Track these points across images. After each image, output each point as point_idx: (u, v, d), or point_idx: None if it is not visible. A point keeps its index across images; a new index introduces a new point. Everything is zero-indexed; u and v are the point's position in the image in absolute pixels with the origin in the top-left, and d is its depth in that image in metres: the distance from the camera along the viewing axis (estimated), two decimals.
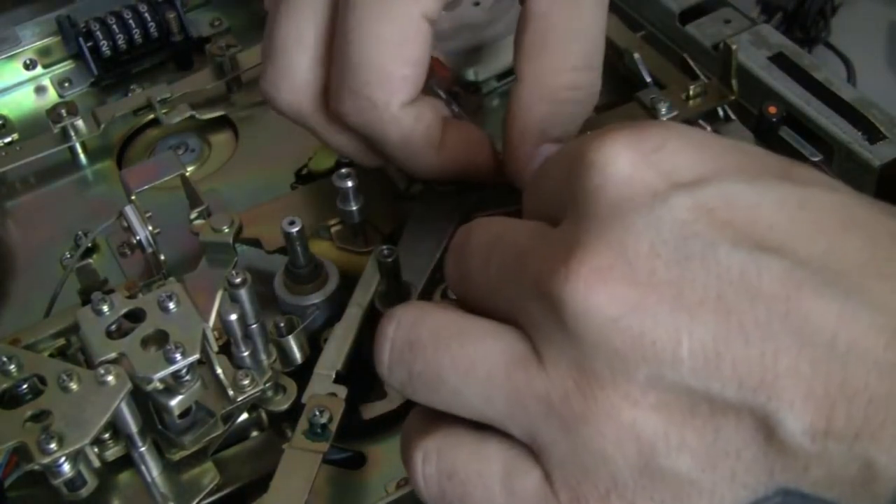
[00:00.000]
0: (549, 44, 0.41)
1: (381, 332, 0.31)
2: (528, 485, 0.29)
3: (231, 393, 0.42)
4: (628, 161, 0.28)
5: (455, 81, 0.49)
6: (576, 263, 0.27)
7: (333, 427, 0.41)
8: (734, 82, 0.54)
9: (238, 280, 0.42)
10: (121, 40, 0.64)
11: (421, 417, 0.32)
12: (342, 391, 0.42)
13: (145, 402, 0.41)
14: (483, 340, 0.29)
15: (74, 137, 0.60)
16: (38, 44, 0.66)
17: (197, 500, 0.42)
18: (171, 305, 0.41)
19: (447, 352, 0.29)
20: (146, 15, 0.64)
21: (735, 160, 0.29)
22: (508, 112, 0.43)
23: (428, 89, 0.47)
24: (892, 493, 0.26)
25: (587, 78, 0.42)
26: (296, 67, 0.43)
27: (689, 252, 0.27)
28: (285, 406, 0.44)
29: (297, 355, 0.45)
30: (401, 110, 0.42)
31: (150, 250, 0.47)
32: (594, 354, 0.27)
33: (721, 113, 0.55)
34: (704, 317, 0.26)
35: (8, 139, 0.61)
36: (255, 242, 0.49)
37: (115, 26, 0.64)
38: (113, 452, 0.42)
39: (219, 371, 0.42)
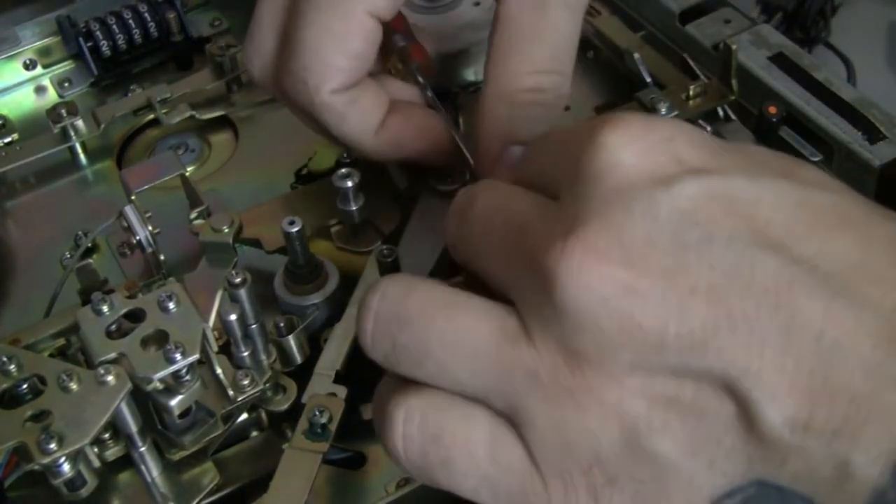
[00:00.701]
0: (514, 46, 0.42)
1: (366, 303, 0.31)
2: (514, 455, 0.29)
3: (231, 393, 0.42)
4: (637, 148, 0.29)
5: (435, 68, 0.50)
6: (572, 241, 0.27)
7: (333, 427, 0.41)
8: (734, 82, 0.54)
9: (238, 280, 0.42)
10: (121, 40, 0.64)
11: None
12: (342, 391, 0.42)
13: (145, 402, 0.41)
14: (472, 314, 0.29)
15: (74, 137, 0.60)
16: (38, 44, 0.66)
17: (197, 500, 0.42)
18: (171, 305, 0.41)
19: (434, 325, 0.30)
20: (146, 15, 0.64)
21: (738, 157, 0.29)
22: (477, 114, 0.44)
23: (406, 74, 0.48)
24: (868, 493, 0.26)
25: (551, 81, 0.43)
26: (264, 44, 0.46)
27: (686, 241, 0.27)
28: (285, 406, 0.44)
29: (297, 355, 0.45)
30: (331, 96, 0.44)
31: (150, 250, 0.47)
32: (582, 333, 0.27)
33: (721, 113, 0.55)
34: (694, 304, 0.27)
35: (8, 139, 0.61)
36: (255, 242, 0.49)
37: (115, 26, 0.64)
38: (113, 452, 0.42)
39: (219, 371, 0.42)
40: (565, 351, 0.28)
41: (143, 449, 0.42)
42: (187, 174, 0.49)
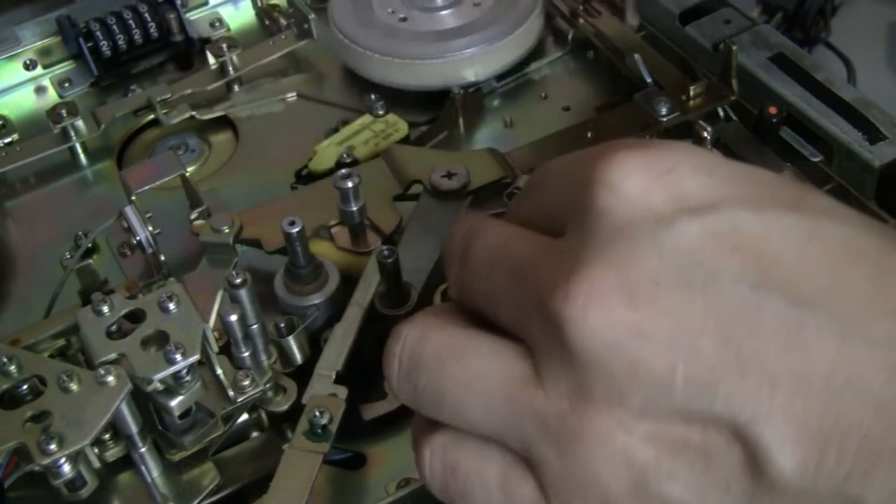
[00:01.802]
0: None
1: (389, 350, 0.31)
2: (525, 492, 0.29)
3: (231, 393, 0.42)
4: (638, 183, 0.28)
5: None
6: (575, 283, 0.27)
7: (334, 427, 0.41)
8: (734, 82, 0.54)
9: (238, 280, 0.42)
10: (121, 40, 0.64)
11: None
12: (342, 392, 0.42)
13: (145, 403, 0.41)
14: (482, 358, 0.30)
15: (74, 138, 0.60)
16: (38, 44, 0.66)
17: (197, 500, 0.42)
18: (171, 306, 0.41)
19: (447, 371, 0.30)
20: (146, 15, 0.64)
21: (745, 187, 0.29)
22: None
23: None
24: None
25: None
26: None
27: (691, 280, 0.27)
28: (285, 406, 0.44)
29: (297, 356, 0.45)
30: None
31: (150, 250, 0.47)
32: (591, 376, 0.27)
33: (721, 113, 0.55)
34: (702, 347, 0.26)
35: (8, 139, 0.61)
36: (255, 242, 0.49)
37: (115, 26, 0.64)
38: (113, 453, 0.42)
39: (219, 372, 0.42)
40: (574, 394, 0.27)
41: (143, 449, 0.42)
42: (187, 174, 0.49)
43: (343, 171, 0.48)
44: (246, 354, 0.43)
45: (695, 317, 0.26)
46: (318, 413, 0.41)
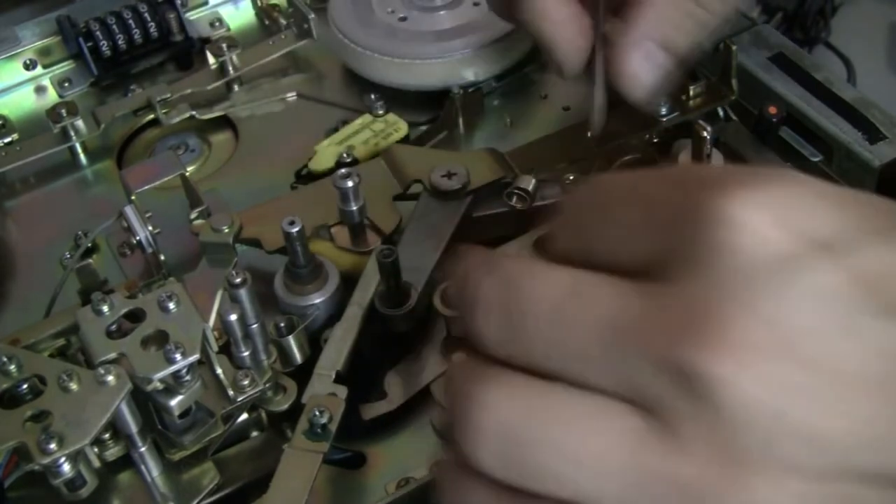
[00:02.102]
0: None
1: (469, 420, 0.27)
2: None
3: (231, 393, 0.42)
4: (764, 218, 0.25)
5: None
6: (717, 336, 0.24)
7: (333, 427, 0.41)
8: (734, 82, 0.54)
9: (238, 280, 0.42)
10: (121, 40, 0.64)
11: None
12: (342, 391, 0.42)
13: (145, 402, 0.41)
14: (592, 420, 0.26)
15: (74, 137, 0.60)
16: (38, 44, 0.66)
17: (197, 500, 0.42)
18: (171, 305, 0.41)
19: (550, 440, 0.26)
20: (146, 15, 0.64)
21: (868, 216, 0.26)
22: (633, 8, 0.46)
23: None
24: None
25: (716, 2, 0.45)
26: None
27: (844, 325, 0.24)
28: (285, 406, 0.44)
29: (297, 355, 0.45)
30: None
31: (150, 250, 0.47)
32: (746, 438, 0.24)
33: (721, 113, 0.55)
34: (867, 398, 0.24)
35: (8, 139, 0.61)
36: (255, 242, 0.49)
37: (115, 26, 0.64)
38: (113, 452, 0.42)
39: (219, 371, 0.42)
40: (723, 456, 0.24)
41: (143, 449, 0.42)
42: (187, 174, 0.49)
43: (343, 170, 0.48)
44: (246, 354, 0.43)
45: (855, 367, 0.24)
46: (317, 412, 0.41)
